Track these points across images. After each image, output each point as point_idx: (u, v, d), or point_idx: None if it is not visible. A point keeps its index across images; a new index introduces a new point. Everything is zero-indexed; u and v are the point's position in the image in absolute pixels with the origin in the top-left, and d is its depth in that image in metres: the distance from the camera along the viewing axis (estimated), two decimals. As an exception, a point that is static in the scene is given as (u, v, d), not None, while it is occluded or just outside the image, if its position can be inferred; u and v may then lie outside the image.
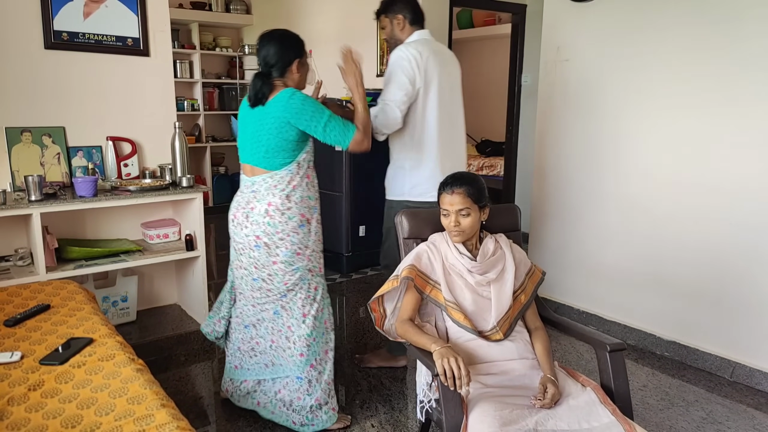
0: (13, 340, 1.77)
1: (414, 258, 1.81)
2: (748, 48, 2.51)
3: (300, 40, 2.10)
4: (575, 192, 3.31)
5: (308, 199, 2.08)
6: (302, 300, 2.12)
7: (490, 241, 1.83)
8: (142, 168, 3.02)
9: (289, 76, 2.06)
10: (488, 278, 1.77)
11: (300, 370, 2.13)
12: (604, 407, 1.50)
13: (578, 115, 3.23)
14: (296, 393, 2.16)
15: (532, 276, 1.88)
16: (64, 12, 2.71)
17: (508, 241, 1.89)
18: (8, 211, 2.33)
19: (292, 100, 1.95)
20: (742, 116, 2.57)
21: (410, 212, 2.00)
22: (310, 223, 2.09)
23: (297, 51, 2.06)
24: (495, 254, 1.80)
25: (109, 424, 1.30)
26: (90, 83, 2.84)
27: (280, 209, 2.01)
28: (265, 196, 2.04)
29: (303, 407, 2.16)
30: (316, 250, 2.13)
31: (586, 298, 3.33)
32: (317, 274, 2.16)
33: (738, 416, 2.40)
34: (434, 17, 4.29)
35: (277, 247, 2.04)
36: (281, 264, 2.05)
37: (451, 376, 1.47)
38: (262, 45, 2.05)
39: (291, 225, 2.03)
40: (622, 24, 2.97)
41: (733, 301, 2.67)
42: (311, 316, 2.13)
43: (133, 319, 3.02)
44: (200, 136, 6.29)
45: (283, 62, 2.03)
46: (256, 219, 2.05)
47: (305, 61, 2.11)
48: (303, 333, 2.12)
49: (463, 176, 1.80)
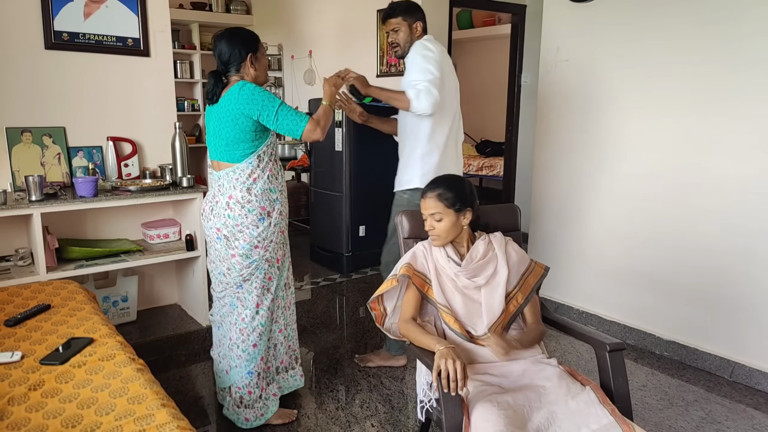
0: (13, 340, 1.77)
1: (411, 257, 1.82)
2: (747, 47, 2.52)
3: (252, 36, 2.12)
4: (575, 192, 3.31)
5: (269, 192, 2.09)
6: (257, 290, 2.14)
7: (481, 244, 1.80)
8: (143, 168, 3.02)
9: (245, 71, 2.09)
10: (477, 283, 1.76)
11: (251, 364, 2.17)
12: (603, 407, 1.50)
13: (578, 115, 3.24)
14: (247, 388, 2.19)
15: (533, 272, 1.84)
16: (64, 12, 2.72)
17: (504, 241, 1.84)
18: (9, 211, 2.34)
19: (242, 91, 1.98)
20: (741, 116, 2.57)
21: (411, 212, 2.00)
22: (271, 216, 2.10)
23: (249, 47, 2.08)
24: (485, 257, 1.77)
25: (110, 423, 1.30)
26: (90, 83, 2.85)
27: (240, 202, 2.05)
28: (227, 190, 2.08)
29: (254, 401, 2.20)
30: (276, 242, 2.14)
31: (585, 298, 3.33)
32: (274, 265, 2.17)
33: (737, 416, 2.40)
34: (434, 18, 4.28)
35: (236, 239, 2.08)
36: (239, 257, 2.09)
37: (445, 377, 1.47)
38: (215, 43, 2.10)
39: (250, 218, 2.06)
40: (622, 24, 2.97)
41: (732, 301, 2.68)
42: (265, 307, 2.17)
43: (133, 319, 3.03)
44: (200, 137, 6.30)
45: (234, 58, 2.06)
46: (218, 212, 2.10)
47: (260, 56, 2.13)
48: (257, 324, 2.16)
49: (440, 180, 1.82)
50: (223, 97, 2.04)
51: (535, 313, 1.83)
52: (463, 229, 1.79)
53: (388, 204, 2.66)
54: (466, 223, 1.78)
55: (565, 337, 3.05)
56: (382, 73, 4.59)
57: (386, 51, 4.53)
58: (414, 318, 1.77)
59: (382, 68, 4.59)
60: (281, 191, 2.16)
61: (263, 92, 2.00)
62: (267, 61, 2.21)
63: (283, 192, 2.18)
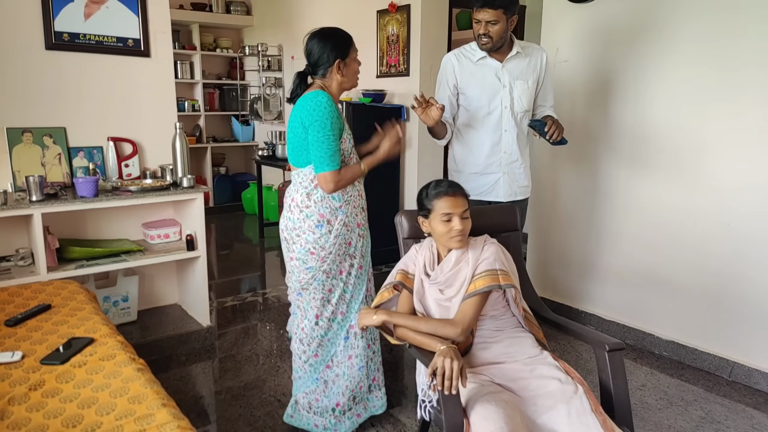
0: (14, 339, 1.78)
1: (404, 263, 1.88)
2: (748, 47, 2.52)
3: (345, 40, 2.01)
4: (574, 192, 3.32)
5: (331, 200, 2.01)
6: (315, 301, 2.08)
7: (454, 254, 1.77)
8: (143, 168, 3.03)
9: (331, 77, 2.01)
10: (448, 295, 1.75)
11: (315, 372, 2.13)
12: (595, 418, 1.47)
13: (577, 115, 3.24)
14: (313, 395, 2.14)
15: (491, 276, 1.69)
16: (65, 13, 2.72)
17: (482, 244, 1.79)
18: (9, 211, 2.34)
19: (312, 101, 1.92)
20: (742, 116, 2.57)
21: (411, 212, 2.01)
22: (332, 224, 2.01)
23: (339, 52, 1.98)
24: (457, 265, 1.76)
25: (110, 423, 1.30)
26: (91, 84, 2.85)
27: (300, 206, 2.02)
28: (292, 192, 2.07)
29: (324, 409, 2.14)
30: (336, 253, 2.04)
31: (585, 298, 3.33)
32: (335, 277, 2.07)
33: (736, 416, 2.40)
34: (434, 18, 4.30)
35: (294, 242, 2.05)
36: (296, 261, 2.06)
37: (441, 374, 1.47)
38: (307, 42, 2.02)
39: (308, 223, 2.01)
40: (621, 25, 2.98)
41: (731, 300, 2.68)
42: (325, 318, 2.09)
43: (133, 318, 3.03)
44: (201, 137, 6.31)
45: (322, 62, 1.99)
46: (284, 213, 2.10)
47: (350, 62, 2.02)
48: (316, 335, 2.10)
49: (447, 180, 1.87)
50: (298, 101, 1.99)
51: (462, 310, 1.68)
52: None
53: (389, 204, 2.66)
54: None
55: (565, 337, 3.06)
56: (382, 74, 4.59)
57: (386, 51, 4.53)
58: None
59: (382, 68, 4.60)
60: (348, 202, 2.05)
61: (326, 113, 1.90)
62: (357, 66, 2.08)
63: (350, 203, 2.05)
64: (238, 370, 2.75)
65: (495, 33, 2.35)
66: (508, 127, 2.49)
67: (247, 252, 5.14)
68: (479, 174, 2.55)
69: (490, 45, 2.38)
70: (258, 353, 2.93)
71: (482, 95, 2.47)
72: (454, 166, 2.63)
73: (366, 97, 4.36)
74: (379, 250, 2.73)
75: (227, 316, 3.47)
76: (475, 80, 2.48)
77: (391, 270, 1.92)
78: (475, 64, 2.48)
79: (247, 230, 5.90)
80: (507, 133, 2.50)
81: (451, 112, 2.54)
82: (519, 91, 2.47)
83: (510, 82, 2.46)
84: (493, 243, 1.80)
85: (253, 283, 4.19)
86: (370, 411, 2.22)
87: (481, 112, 2.48)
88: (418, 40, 4.25)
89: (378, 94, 4.41)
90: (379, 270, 4.11)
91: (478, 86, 2.47)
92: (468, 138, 2.55)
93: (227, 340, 3.09)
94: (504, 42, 2.41)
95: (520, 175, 2.58)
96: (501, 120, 2.48)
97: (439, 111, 2.28)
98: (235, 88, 6.50)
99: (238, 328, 3.26)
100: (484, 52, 2.44)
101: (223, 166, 6.67)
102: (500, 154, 2.52)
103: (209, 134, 6.47)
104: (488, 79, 2.46)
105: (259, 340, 3.10)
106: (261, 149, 5.47)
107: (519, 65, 2.48)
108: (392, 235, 2.07)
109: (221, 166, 6.65)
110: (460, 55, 2.52)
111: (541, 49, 2.57)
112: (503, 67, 2.46)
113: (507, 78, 2.46)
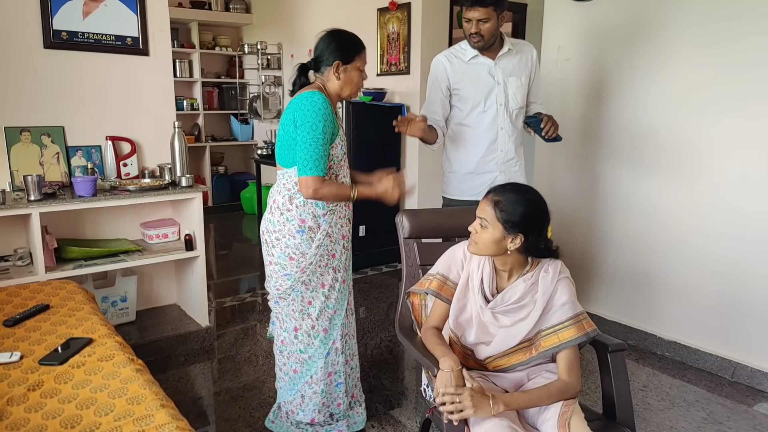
0: (12, 340, 1.77)
1: (446, 267, 1.70)
2: (749, 47, 2.51)
3: (353, 46, 1.95)
4: (574, 191, 3.31)
5: (314, 206, 1.94)
6: (294, 312, 2.01)
7: (521, 284, 1.55)
8: (142, 168, 3.01)
9: (328, 77, 1.96)
10: (501, 323, 1.58)
11: (295, 385, 2.09)
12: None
13: (579, 114, 3.23)
14: (290, 406, 2.12)
15: (574, 326, 1.52)
16: (63, 11, 2.71)
17: (555, 281, 1.55)
18: (7, 210, 2.33)
19: (307, 101, 1.85)
20: (743, 115, 2.56)
21: (411, 212, 2.00)
22: (314, 232, 1.94)
23: (341, 54, 1.93)
24: (521, 302, 1.55)
25: (109, 424, 1.30)
26: (89, 83, 2.84)
27: (281, 209, 1.96)
28: (274, 193, 2.02)
29: (299, 422, 2.11)
30: (318, 264, 1.97)
31: (586, 299, 3.33)
32: (314, 289, 2.00)
33: (739, 416, 2.39)
34: (435, 16, 4.29)
35: (273, 246, 2.00)
36: (275, 265, 2.00)
37: (441, 403, 1.43)
38: (318, 37, 1.99)
39: (288, 227, 1.95)
40: (623, 23, 2.97)
41: (734, 300, 2.67)
42: (303, 332, 2.02)
43: (132, 319, 3.02)
44: (200, 136, 6.29)
45: (323, 58, 1.95)
46: (266, 214, 2.05)
47: (351, 69, 1.95)
48: (295, 349, 2.04)
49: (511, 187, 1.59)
50: (294, 98, 1.92)
51: (568, 366, 1.52)
52: (507, 253, 1.53)
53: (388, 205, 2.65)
54: (512, 248, 1.51)
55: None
56: (383, 72, 4.58)
57: (386, 49, 4.52)
58: (438, 328, 1.70)
59: (382, 67, 4.59)
60: (333, 212, 1.97)
61: (320, 115, 1.83)
62: (360, 78, 1.99)
63: (335, 213, 1.98)
64: (237, 371, 2.74)
65: (486, 31, 2.35)
66: (504, 124, 2.49)
67: (246, 252, 5.13)
68: (475, 173, 2.54)
69: (482, 43, 2.38)
70: (257, 354, 2.92)
71: (477, 94, 2.46)
72: (449, 167, 2.61)
73: (366, 95, 4.35)
74: (379, 250, 2.72)
75: (226, 316, 3.45)
76: (469, 79, 2.46)
77: (397, 269, 1.87)
78: (468, 64, 2.47)
79: (246, 230, 5.88)
80: (503, 130, 2.49)
81: (444, 114, 2.52)
82: (513, 88, 2.46)
83: (504, 80, 2.46)
84: (565, 278, 1.57)
85: (252, 283, 4.18)
86: (352, 428, 2.16)
87: (476, 111, 2.48)
88: (418, 38, 4.24)
89: (378, 92, 4.40)
90: (379, 270, 4.03)
91: (473, 85, 2.46)
92: (463, 137, 2.54)
93: (226, 341, 3.08)
94: (495, 39, 2.42)
95: (516, 173, 2.57)
96: (496, 118, 2.47)
97: (422, 122, 2.31)
98: (234, 87, 6.49)
99: (237, 329, 3.25)
100: (475, 50, 2.44)
101: (222, 165, 6.66)
102: (496, 153, 2.51)
103: (208, 133, 6.46)
104: (482, 77, 2.45)
105: (258, 340, 3.09)
106: (260, 148, 5.45)
107: (511, 62, 2.48)
108: (392, 235, 2.05)
109: (220, 165, 6.64)
110: (451, 56, 2.50)
111: (530, 45, 2.57)
112: (496, 64, 2.45)
113: (501, 75, 2.45)
